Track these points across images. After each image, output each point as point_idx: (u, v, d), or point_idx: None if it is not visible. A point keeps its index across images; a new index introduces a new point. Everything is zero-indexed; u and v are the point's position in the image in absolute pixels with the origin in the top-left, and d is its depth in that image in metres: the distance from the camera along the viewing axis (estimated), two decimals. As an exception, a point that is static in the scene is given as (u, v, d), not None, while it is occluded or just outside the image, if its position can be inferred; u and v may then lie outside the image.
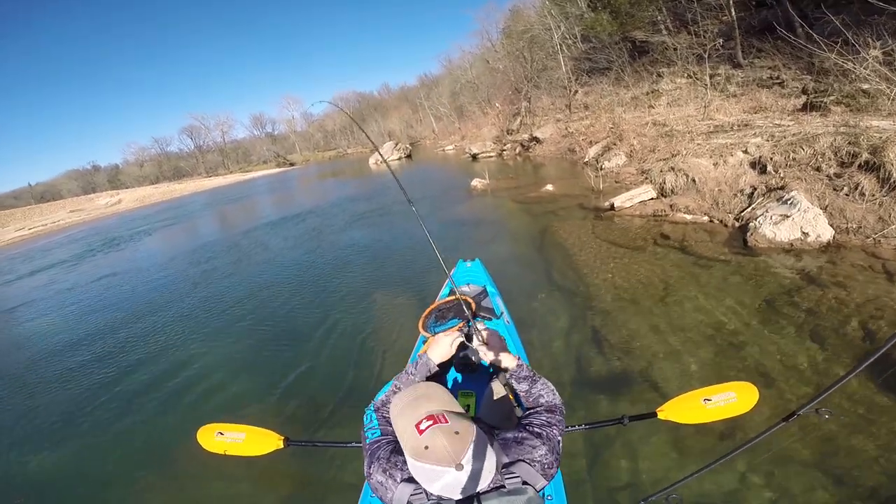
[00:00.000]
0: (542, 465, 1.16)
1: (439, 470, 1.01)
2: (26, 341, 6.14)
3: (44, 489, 3.06)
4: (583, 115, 14.30)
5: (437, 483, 1.03)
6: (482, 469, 1.05)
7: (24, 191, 70.92)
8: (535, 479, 1.14)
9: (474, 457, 1.03)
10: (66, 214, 35.44)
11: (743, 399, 1.73)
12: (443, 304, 2.66)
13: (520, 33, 22.60)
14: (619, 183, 7.72)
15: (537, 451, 1.18)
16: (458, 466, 1.00)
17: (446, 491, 1.04)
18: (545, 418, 1.29)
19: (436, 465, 1.01)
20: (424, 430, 1.03)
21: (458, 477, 1.01)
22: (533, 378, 1.49)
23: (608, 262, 4.69)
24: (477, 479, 1.05)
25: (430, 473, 1.02)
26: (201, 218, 18.23)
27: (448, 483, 1.02)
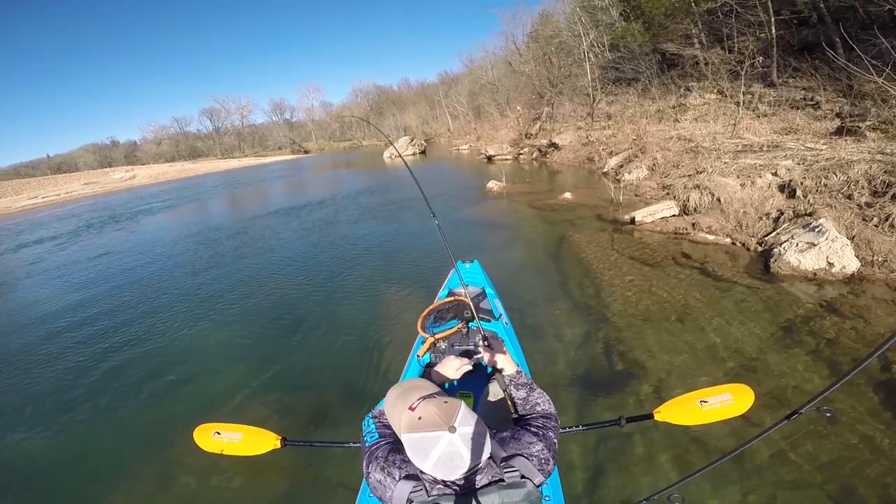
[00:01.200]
0: (539, 460, 1.18)
1: (433, 436, 1.02)
2: (21, 319, 6.02)
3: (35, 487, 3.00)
4: (605, 124, 14.15)
5: (432, 454, 1.02)
6: (475, 435, 1.05)
7: (42, 161, 71.95)
8: (533, 473, 1.15)
9: (466, 420, 1.05)
10: (80, 186, 35.81)
11: (739, 401, 1.71)
12: (442, 304, 2.66)
13: (547, 38, 22.42)
14: (638, 196, 7.61)
15: (534, 446, 1.20)
16: (450, 428, 1.02)
17: (442, 466, 1.03)
18: (541, 422, 1.32)
19: (429, 430, 1.03)
20: (416, 406, 1.08)
21: (452, 441, 1.02)
22: (531, 386, 1.52)
23: (625, 276, 4.61)
24: (471, 448, 1.04)
25: (425, 442, 1.03)
26: (212, 199, 18.32)
27: (444, 452, 1.02)
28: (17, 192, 35.33)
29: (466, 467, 1.04)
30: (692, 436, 2.41)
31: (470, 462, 1.04)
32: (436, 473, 1.06)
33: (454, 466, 1.04)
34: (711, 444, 2.36)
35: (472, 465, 1.05)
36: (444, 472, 1.05)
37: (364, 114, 64.64)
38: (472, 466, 1.05)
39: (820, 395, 1.23)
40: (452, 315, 2.53)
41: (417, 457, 1.06)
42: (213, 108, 67.34)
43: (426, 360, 2.36)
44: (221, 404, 3.42)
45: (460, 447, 1.03)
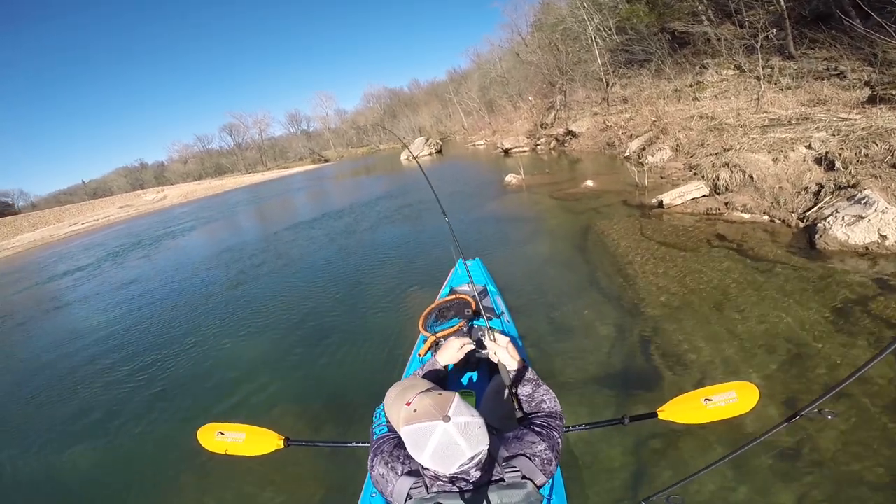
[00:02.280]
0: (541, 461, 1.16)
1: (428, 426, 1.02)
2: (69, 337, 6.42)
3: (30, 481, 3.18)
4: (622, 108, 13.77)
5: (428, 445, 1.02)
6: (471, 425, 1.04)
7: (79, 187, 75.55)
8: (535, 474, 1.14)
9: (460, 410, 1.04)
10: (116, 210, 37.48)
11: (743, 399, 1.71)
12: (443, 303, 2.65)
13: (551, 26, 22.02)
14: (664, 178, 7.37)
15: (537, 446, 1.18)
16: (445, 418, 1.02)
17: (439, 456, 1.02)
18: (545, 421, 1.30)
19: (424, 420, 1.03)
20: (412, 401, 1.09)
21: (447, 430, 1.01)
22: (537, 382, 1.49)
23: (658, 263, 4.45)
24: (466, 437, 1.03)
25: (421, 433, 1.03)
26: (239, 215, 18.80)
27: (440, 442, 1.01)
28: (59, 219, 37.26)
29: (464, 457, 1.03)
30: (694, 436, 2.38)
31: (467, 451, 1.03)
32: (434, 465, 1.04)
33: (450, 456, 1.02)
34: (713, 444, 2.33)
35: (470, 456, 1.03)
36: (441, 462, 1.03)
37: (378, 118, 65.20)
38: (470, 457, 1.03)
39: (823, 397, 1.20)
40: (454, 313, 2.54)
41: (415, 450, 1.06)
42: (233, 123, 69.44)
43: (427, 358, 2.39)
44: (226, 404, 3.55)
45: (455, 436, 1.02)
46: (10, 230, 33.15)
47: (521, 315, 3.93)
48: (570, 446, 2.43)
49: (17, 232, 32.50)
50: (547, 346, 3.46)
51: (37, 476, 3.27)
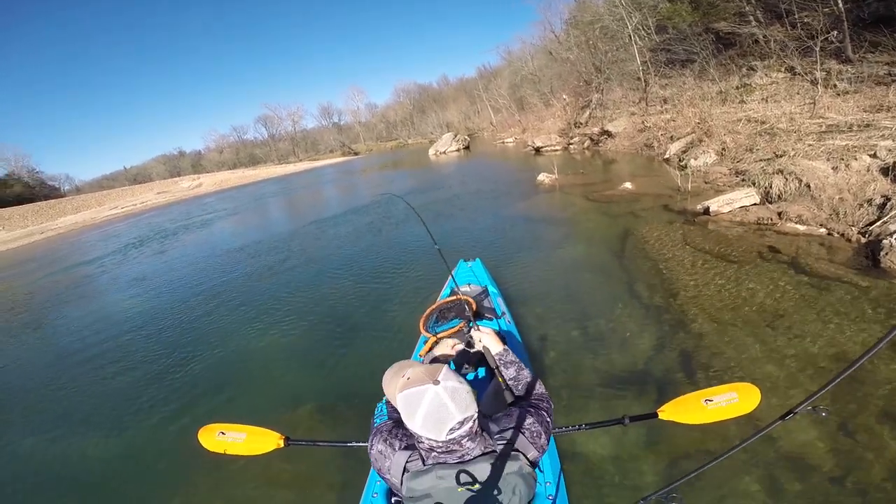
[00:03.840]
0: (531, 433, 1.24)
1: (419, 390, 1.11)
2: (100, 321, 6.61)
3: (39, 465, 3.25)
4: (661, 108, 13.31)
5: (420, 408, 1.10)
6: (459, 389, 1.13)
7: (120, 173, 78.92)
8: (526, 447, 1.21)
9: (449, 376, 1.14)
10: (153, 196, 38.94)
11: (744, 399, 1.72)
12: (444, 304, 2.68)
13: (587, 24, 21.48)
14: (708, 184, 7.05)
15: (525, 421, 1.27)
16: (434, 382, 1.11)
17: (431, 420, 1.10)
18: (535, 401, 1.40)
19: (416, 385, 1.12)
20: (407, 372, 1.19)
21: (437, 393, 1.10)
22: (519, 365, 1.62)
23: (702, 273, 4.23)
24: (455, 400, 1.11)
25: (412, 398, 1.11)
26: (268, 206, 19.18)
27: (430, 404, 1.09)
28: (100, 203, 38.99)
29: (453, 420, 1.10)
30: (693, 435, 2.39)
31: (456, 414, 1.10)
32: (426, 431, 1.12)
33: (440, 419, 1.09)
34: (711, 442, 2.36)
35: (458, 419, 1.10)
36: (432, 426, 1.10)
37: (407, 113, 65.48)
38: (459, 420, 1.10)
39: (816, 394, 1.21)
40: (454, 314, 2.55)
41: (409, 416, 1.13)
42: (267, 115, 71.10)
43: None
44: (225, 403, 3.58)
45: (445, 398, 1.10)
46: (54, 212, 34.89)
47: (550, 321, 3.84)
48: (572, 445, 2.45)
49: (61, 214, 34.19)
50: (578, 353, 3.33)
51: (47, 461, 3.34)
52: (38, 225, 30.36)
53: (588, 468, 2.36)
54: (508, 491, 1.16)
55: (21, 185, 53.28)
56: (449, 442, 1.14)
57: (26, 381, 4.99)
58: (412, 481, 1.17)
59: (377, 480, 1.74)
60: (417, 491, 1.16)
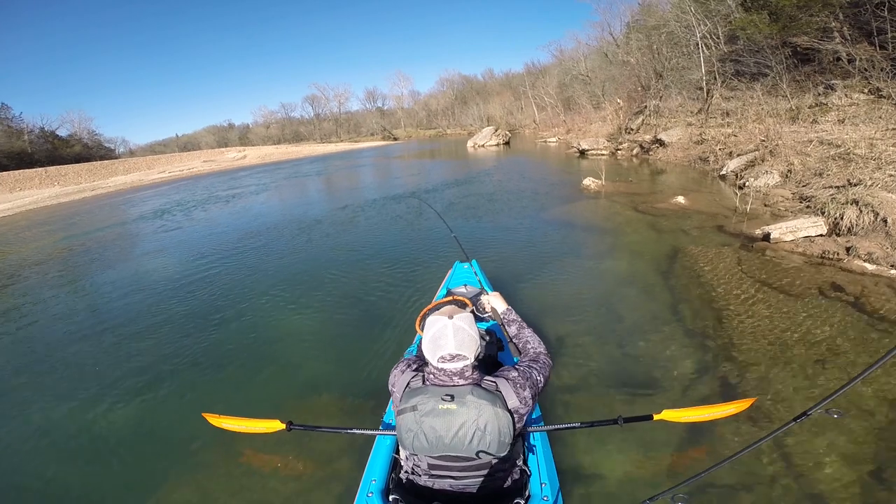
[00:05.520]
0: (514, 383, 1.42)
1: (438, 318, 1.42)
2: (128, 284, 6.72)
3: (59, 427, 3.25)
4: (722, 121, 12.64)
5: (430, 330, 1.42)
6: (465, 329, 1.40)
7: (172, 140, 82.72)
8: (508, 393, 1.39)
9: (464, 318, 1.43)
10: (200, 164, 40.47)
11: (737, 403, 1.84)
12: (440, 304, 2.71)
13: (650, 28, 20.63)
14: (768, 207, 6.65)
15: (511, 373, 1.47)
16: (450, 317, 1.41)
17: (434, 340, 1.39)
18: (526, 363, 1.57)
19: (440, 315, 1.43)
20: (441, 308, 1.58)
21: (446, 324, 1.40)
22: (521, 324, 1.84)
23: (755, 304, 3.96)
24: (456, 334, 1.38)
25: (433, 321, 1.43)
26: (306, 183, 19.46)
27: (437, 329, 1.40)
28: (150, 166, 40.86)
29: (445, 350, 1.37)
30: (698, 437, 2.43)
31: (451, 346, 1.37)
32: (426, 349, 1.41)
33: (439, 345, 1.39)
34: (717, 444, 2.36)
35: (451, 352, 1.37)
36: (431, 346, 1.40)
37: (449, 103, 65.26)
38: (451, 353, 1.37)
39: (830, 397, 1.22)
40: None
41: (425, 333, 1.44)
42: (315, 95, 72.76)
43: None
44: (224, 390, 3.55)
45: (448, 330, 1.39)
46: (107, 172, 36.85)
47: (587, 338, 3.68)
48: (569, 447, 2.47)
49: (112, 174, 36.07)
50: (614, 379, 3.18)
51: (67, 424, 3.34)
52: (90, 182, 32.14)
53: (584, 470, 2.37)
54: (481, 424, 1.34)
55: (80, 145, 56.57)
56: (440, 371, 1.40)
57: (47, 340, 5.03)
58: (408, 394, 1.42)
59: (372, 479, 1.79)
60: (411, 402, 1.39)
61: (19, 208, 22.25)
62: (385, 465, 1.83)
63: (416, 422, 1.37)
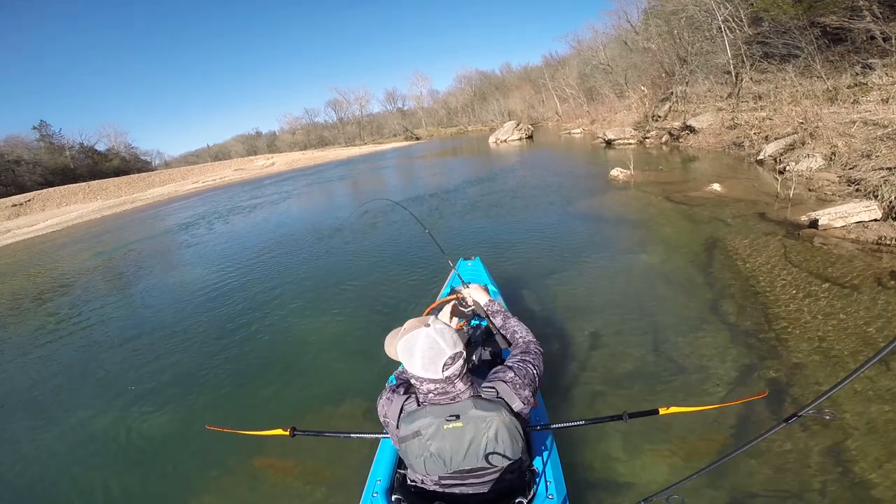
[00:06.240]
0: (513, 385, 1.38)
1: (414, 334, 1.32)
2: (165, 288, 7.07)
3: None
4: (754, 105, 12.08)
5: (416, 349, 1.30)
6: (447, 330, 1.34)
7: (204, 150, 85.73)
8: (510, 396, 1.35)
9: (437, 321, 1.36)
10: (231, 172, 41.77)
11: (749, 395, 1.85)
12: (443, 302, 2.68)
13: (668, 14, 19.91)
14: (812, 191, 6.29)
15: (508, 374, 1.41)
16: (425, 325, 1.33)
17: (428, 356, 1.29)
18: (518, 358, 1.52)
19: (411, 331, 1.33)
20: (403, 327, 1.40)
21: (428, 333, 1.31)
22: (506, 314, 1.83)
23: (805, 297, 3.70)
24: (444, 337, 1.31)
25: (410, 342, 1.31)
26: (333, 188, 19.83)
27: (424, 343, 1.29)
28: (184, 177, 42.48)
29: (445, 355, 1.29)
30: (695, 436, 2.44)
31: (447, 349, 1.30)
32: (424, 370, 1.30)
33: (435, 354, 1.29)
34: (714, 444, 2.37)
35: (450, 354, 1.30)
36: (430, 362, 1.29)
37: (468, 100, 65.02)
38: (450, 355, 1.30)
39: (822, 397, 1.23)
40: (455, 313, 2.54)
41: (408, 358, 1.32)
42: (337, 99, 74.12)
43: None
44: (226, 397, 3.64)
45: (435, 336, 1.30)
46: (144, 185, 38.69)
47: (620, 338, 3.55)
48: (571, 443, 2.46)
49: (149, 186, 37.83)
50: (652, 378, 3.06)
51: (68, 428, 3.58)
52: (129, 195, 33.76)
53: (590, 467, 2.37)
54: (491, 435, 1.31)
55: (118, 159, 59.34)
56: (445, 381, 1.31)
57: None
58: (406, 420, 1.35)
59: (377, 479, 1.80)
60: (411, 429, 1.33)
61: (67, 223, 23.56)
62: (390, 466, 1.86)
63: (422, 447, 1.34)
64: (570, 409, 2.83)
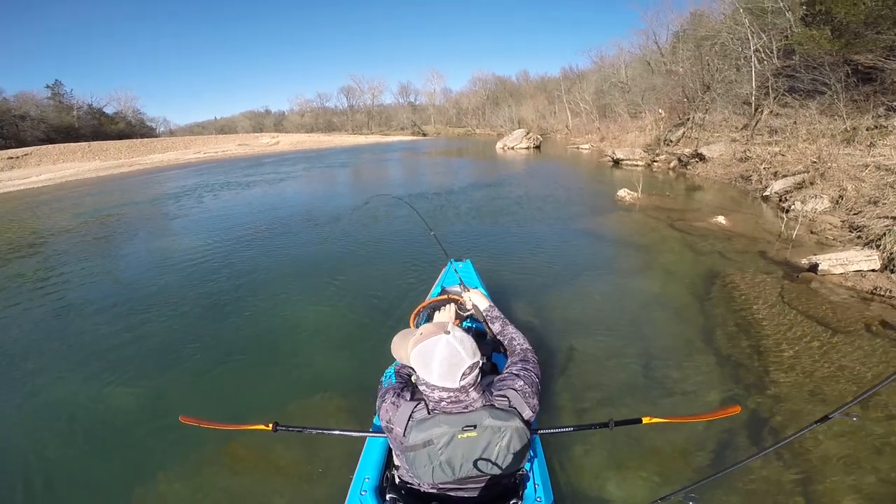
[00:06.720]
0: (523, 393, 1.39)
1: (433, 340, 1.28)
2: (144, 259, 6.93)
3: None
4: (769, 139, 12.09)
5: (435, 357, 1.27)
6: (466, 338, 1.32)
7: (210, 122, 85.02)
8: (521, 405, 1.36)
9: (456, 328, 1.33)
10: (234, 147, 41.51)
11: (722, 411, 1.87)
12: (433, 302, 2.76)
13: (699, 39, 19.96)
14: (815, 234, 6.29)
15: (517, 382, 1.43)
16: (445, 332, 1.29)
17: (446, 365, 1.26)
18: (520, 366, 1.53)
19: (429, 337, 1.29)
20: (419, 331, 1.38)
21: (449, 341, 1.28)
22: (504, 321, 1.82)
23: (797, 338, 3.70)
24: (465, 346, 1.29)
25: (427, 349, 1.29)
26: (334, 172, 19.81)
27: (444, 352, 1.26)
28: (186, 146, 42.20)
29: (465, 364, 1.28)
30: (673, 447, 2.50)
31: (467, 359, 1.28)
32: (441, 379, 1.27)
33: (455, 364, 1.26)
34: (730, 446, 2.41)
35: (469, 364, 1.28)
36: (447, 372, 1.26)
37: (480, 102, 64.95)
38: (469, 364, 1.28)
39: (854, 401, 1.24)
40: None
41: (424, 366, 1.29)
42: (350, 86, 73.49)
43: None
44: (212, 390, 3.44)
45: (456, 345, 1.27)
46: (146, 150, 38.45)
47: (610, 350, 3.59)
48: (560, 449, 2.48)
49: (151, 152, 37.53)
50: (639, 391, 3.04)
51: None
52: (128, 159, 33.44)
53: (576, 471, 2.40)
54: (504, 443, 1.30)
55: (124, 122, 58.67)
56: (460, 390, 1.30)
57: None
58: (417, 428, 1.29)
59: (365, 477, 1.77)
60: (421, 437, 1.28)
61: (60, 179, 23.29)
62: (379, 464, 1.82)
63: (433, 456, 1.30)
64: (558, 415, 2.87)
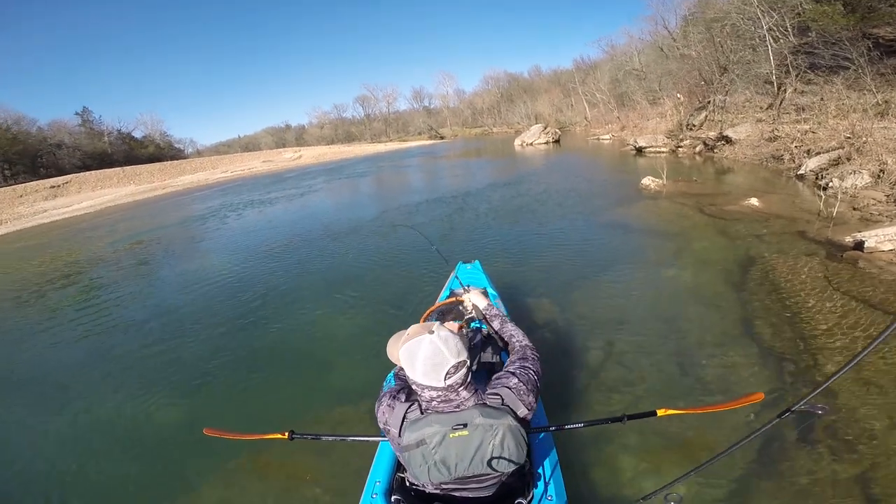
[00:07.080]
0: (517, 391, 1.39)
1: (417, 340, 1.32)
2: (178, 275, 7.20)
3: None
4: (797, 117, 11.62)
5: (419, 356, 1.30)
6: (451, 338, 1.33)
7: (235, 141, 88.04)
8: (515, 403, 1.36)
9: (441, 328, 1.35)
10: (259, 164, 42.68)
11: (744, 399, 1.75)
12: (442, 305, 2.73)
13: (708, 21, 19.37)
14: (857, 210, 6.00)
15: (511, 380, 1.42)
16: (429, 332, 1.32)
17: (429, 364, 1.28)
18: (518, 364, 1.52)
19: (414, 337, 1.33)
20: (406, 333, 1.42)
21: (432, 340, 1.30)
22: (503, 318, 1.86)
23: (847, 326, 3.46)
24: (448, 345, 1.30)
25: (412, 347, 1.32)
26: (358, 184, 20.00)
27: (427, 351, 1.29)
28: (214, 166, 43.67)
29: (448, 364, 1.29)
30: (690, 434, 2.49)
31: (450, 358, 1.29)
32: (426, 378, 1.30)
33: (437, 363, 1.28)
34: (710, 443, 2.41)
35: (453, 363, 1.29)
36: (431, 370, 1.29)
37: (494, 101, 64.74)
38: (453, 364, 1.29)
39: (813, 393, 1.26)
40: (453, 316, 2.61)
41: (410, 365, 1.32)
42: (365, 95, 74.85)
43: None
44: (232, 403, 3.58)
45: (439, 344, 1.30)
46: (176, 171, 40.07)
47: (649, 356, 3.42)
48: (570, 443, 2.44)
49: (181, 173, 39.08)
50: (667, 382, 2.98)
51: None
52: (161, 181, 34.87)
53: (589, 468, 2.39)
54: (497, 442, 1.29)
55: (153, 146, 61.42)
56: (447, 389, 1.31)
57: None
58: (410, 428, 1.32)
59: (377, 480, 1.80)
60: (414, 437, 1.30)
61: (100, 205, 24.49)
62: (390, 468, 1.86)
63: (427, 456, 1.31)
64: (570, 411, 2.85)
